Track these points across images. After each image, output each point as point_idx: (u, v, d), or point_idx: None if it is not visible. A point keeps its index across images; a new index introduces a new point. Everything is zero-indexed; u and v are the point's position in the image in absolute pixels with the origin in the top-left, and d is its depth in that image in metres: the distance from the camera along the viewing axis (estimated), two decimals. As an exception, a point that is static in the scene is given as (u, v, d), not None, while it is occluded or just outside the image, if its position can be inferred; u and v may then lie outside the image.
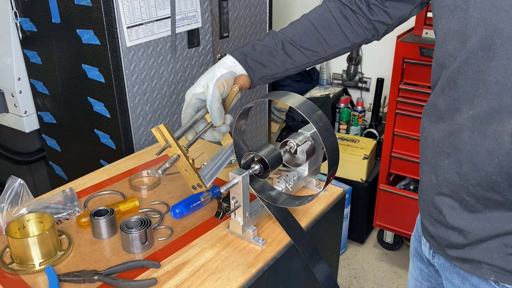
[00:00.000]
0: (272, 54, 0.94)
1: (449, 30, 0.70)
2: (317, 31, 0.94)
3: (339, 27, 0.94)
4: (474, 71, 0.66)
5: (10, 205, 0.95)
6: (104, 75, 1.52)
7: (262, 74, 0.95)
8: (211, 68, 0.93)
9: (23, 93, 1.87)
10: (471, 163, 0.69)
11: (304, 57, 0.95)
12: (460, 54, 0.68)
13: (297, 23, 0.96)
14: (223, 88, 0.89)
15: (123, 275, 0.82)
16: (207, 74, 0.92)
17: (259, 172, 0.86)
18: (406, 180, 2.38)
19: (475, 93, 0.67)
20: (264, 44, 0.94)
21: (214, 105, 0.88)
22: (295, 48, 0.94)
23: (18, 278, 0.82)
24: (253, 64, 0.93)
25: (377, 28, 0.95)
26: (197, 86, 0.92)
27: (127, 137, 1.60)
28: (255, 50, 0.94)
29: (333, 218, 1.07)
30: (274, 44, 0.94)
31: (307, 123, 0.90)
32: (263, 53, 0.94)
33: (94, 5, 1.42)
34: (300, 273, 0.97)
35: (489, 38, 0.63)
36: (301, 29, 0.95)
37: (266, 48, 0.94)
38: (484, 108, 0.66)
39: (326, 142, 0.80)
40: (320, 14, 0.95)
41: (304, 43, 0.94)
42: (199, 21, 1.71)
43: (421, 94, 2.03)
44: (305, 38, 0.94)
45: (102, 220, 0.91)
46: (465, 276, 0.79)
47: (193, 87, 0.93)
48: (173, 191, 1.09)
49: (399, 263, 2.38)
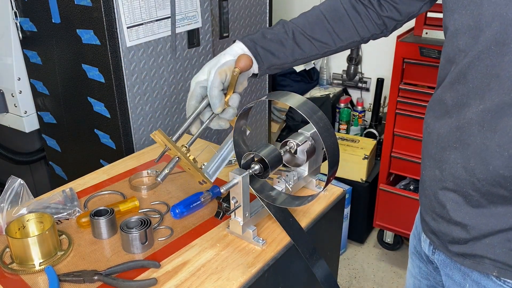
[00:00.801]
0: (282, 44, 0.92)
1: (461, 25, 0.70)
2: (328, 22, 0.94)
3: (350, 20, 0.94)
4: (486, 65, 0.66)
5: (10, 205, 0.95)
6: (104, 75, 1.52)
7: (271, 63, 0.93)
8: (218, 55, 0.91)
9: (23, 93, 1.87)
10: (479, 157, 0.69)
11: (314, 48, 0.94)
12: (473, 49, 0.68)
13: (308, 14, 0.96)
14: (225, 75, 0.86)
15: (123, 275, 0.82)
16: (212, 61, 0.90)
17: (259, 172, 0.86)
18: (406, 180, 2.38)
19: (486, 88, 0.67)
20: (274, 33, 0.93)
21: (213, 91, 0.85)
22: (306, 39, 0.93)
23: (18, 278, 0.82)
24: (263, 52, 0.91)
25: (386, 24, 0.95)
26: (201, 73, 0.90)
27: (127, 137, 1.60)
28: (265, 38, 0.92)
29: (333, 218, 1.07)
30: (285, 33, 0.93)
31: (307, 123, 0.89)
32: (273, 42, 0.92)
33: (94, 5, 1.42)
34: (300, 273, 0.97)
35: (503, 33, 0.63)
36: (312, 20, 0.94)
37: (277, 37, 0.92)
38: (496, 102, 0.66)
39: (326, 142, 0.80)
40: (332, 6, 0.95)
41: (315, 34, 0.94)
42: (199, 21, 1.71)
43: (421, 94, 2.03)
44: (316, 28, 0.94)
45: (102, 220, 0.91)
46: (466, 272, 0.79)
47: (197, 75, 0.91)
48: (173, 191, 1.09)
49: (399, 263, 2.38)
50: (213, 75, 0.86)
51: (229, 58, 0.89)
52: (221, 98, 0.86)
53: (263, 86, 2.33)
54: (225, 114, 0.88)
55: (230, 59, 0.88)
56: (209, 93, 0.86)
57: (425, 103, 2.03)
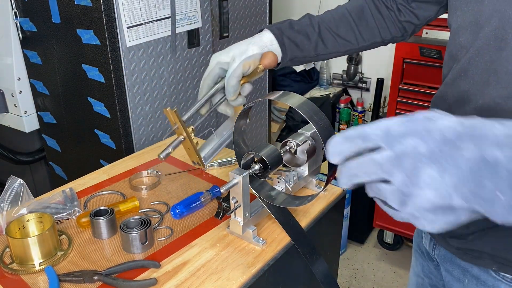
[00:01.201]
0: (307, 36, 0.93)
1: (463, 22, 0.71)
2: (353, 21, 0.96)
3: (374, 21, 0.96)
4: (485, 61, 0.67)
5: (10, 205, 0.95)
6: (104, 75, 1.52)
7: (294, 55, 0.94)
8: (246, 40, 0.91)
9: (23, 93, 1.87)
10: None
11: (337, 45, 0.96)
12: (473, 45, 0.69)
13: (333, 11, 0.97)
14: (248, 67, 0.87)
15: (123, 275, 0.82)
16: (240, 46, 0.90)
17: (259, 172, 0.86)
18: (406, 180, 2.38)
19: (485, 83, 0.67)
20: (301, 25, 0.94)
21: (231, 80, 0.86)
22: (330, 35, 0.95)
23: (18, 278, 0.82)
24: (288, 43, 0.92)
25: (405, 28, 0.97)
26: (225, 54, 0.90)
27: (127, 137, 1.60)
28: (292, 29, 0.93)
29: (333, 218, 1.07)
30: (311, 26, 0.94)
31: (307, 123, 0.89)
32: (300, 34, 0.93)
33: (94, 5, 1.42)
34: (300, 273, 0.97)
35: (502, 28, 0.64)
36: (338, 17, 0.96)
37: (303, 29, 0.94)
38: (493, 97, 0.67)
39: (326, 142, 0.80)
40: (357, 5, 0.97)
41: (340, 31, 0.95)
42: (199, 21, 1.71)
43: (421, 94, 2.03)
44: (340, 25, 0.95)
45: (102, 220, 0.91)
46: (466, 267, 0.79)
47: (220, 53, 0.90)
48: (173, 191, 1.09)
49: (399, 263, 2.38)
50: (237, 64, 0.86)
51: (256, 51, 0.89)
52: (237, 88, 0.87)
53: (263, 86, 2.33)
54: (234, 102, 0.89)
55: (257, 53, 0.89)
56: (228, 80, 0.87)
57: (425, 103, 2.03)
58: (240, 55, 0.87)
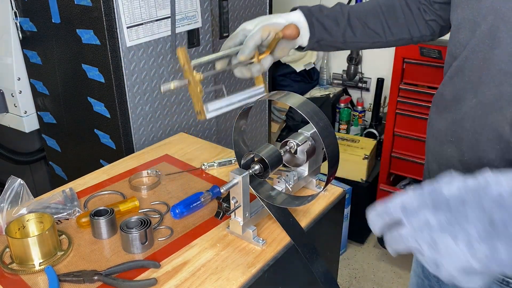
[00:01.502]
0: (336, 22, 0.95)
1: (462, 19, 0.72)
2: (383, 14, 0.96)
3: (403, 16, 0.96)
4: (479, 59, 0.67)
5: (10, 205, 0.95)
6: (104, 75, 1.52)
7: (321, 37, 0.95)
8: (275, 14, 0.94)
9: (23, 93, 1.86)
10: (472, 151, 0.70)
11: (365, 34, 0.97)
12: (470, 42, 0.69)
13: (364, 3, 0.99)
14: (267, 33, 0.88)
15: (123, 275, 0.82)
16: (266, 16, 0.93)
17: (259, 172, 0.86)
18: (406, 180, 2.38)
19: (478, 81, 0.68)
20: (331, 10, 0.96)
21: (249, 42, 0.88)
22: (359, 24, 0.96)
23: (18, 278, 0.82)
24: (317, 24, 0.93)
25: (433, 27, 0.97)
26: (251, 23, 0.92)
27: (127, 137, 1.60)
28: (321, 12, 0.95)
29: (333, 218, 1.07)
30: (341, 13, 0.95)
31: (307, 123, 0.89)
32: (329, 18, 0.94)
33: (94, 5, 1.42)
34: (300, 273, 0.97)
35: (496, 26, 0.64)
36: (368, 8, 0.97)
37: (333, 14, 0.95)
38: (487, 96, 0.67)
39: (326, 142, 0.80)
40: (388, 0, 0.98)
41: (369, 22, 0.96)
42: (199, 21, 1.71)
43: (421, 94, 2.03)
44: (370, 16, 0.96)
45: (102, 220, 0.91)
46: None
47: (247, 22, 0.93)
48: (173, 191, 1.09)
49: (399, 263, 2.38)
50: (258, 28, 0.88)
51: (281, 22, 0.91)
52: (251, 50, 0.88)
53: (263, 86, 2.33)
54: (253, 67, 0.91)
55: (281, 23, 0.90)
56: (246, 41, 0.89)
57: (425, 103, 2.03)
58: (263, 22, 0.90)
